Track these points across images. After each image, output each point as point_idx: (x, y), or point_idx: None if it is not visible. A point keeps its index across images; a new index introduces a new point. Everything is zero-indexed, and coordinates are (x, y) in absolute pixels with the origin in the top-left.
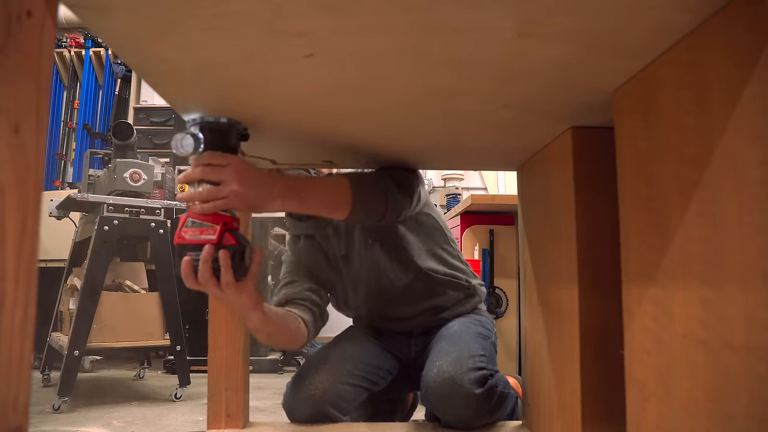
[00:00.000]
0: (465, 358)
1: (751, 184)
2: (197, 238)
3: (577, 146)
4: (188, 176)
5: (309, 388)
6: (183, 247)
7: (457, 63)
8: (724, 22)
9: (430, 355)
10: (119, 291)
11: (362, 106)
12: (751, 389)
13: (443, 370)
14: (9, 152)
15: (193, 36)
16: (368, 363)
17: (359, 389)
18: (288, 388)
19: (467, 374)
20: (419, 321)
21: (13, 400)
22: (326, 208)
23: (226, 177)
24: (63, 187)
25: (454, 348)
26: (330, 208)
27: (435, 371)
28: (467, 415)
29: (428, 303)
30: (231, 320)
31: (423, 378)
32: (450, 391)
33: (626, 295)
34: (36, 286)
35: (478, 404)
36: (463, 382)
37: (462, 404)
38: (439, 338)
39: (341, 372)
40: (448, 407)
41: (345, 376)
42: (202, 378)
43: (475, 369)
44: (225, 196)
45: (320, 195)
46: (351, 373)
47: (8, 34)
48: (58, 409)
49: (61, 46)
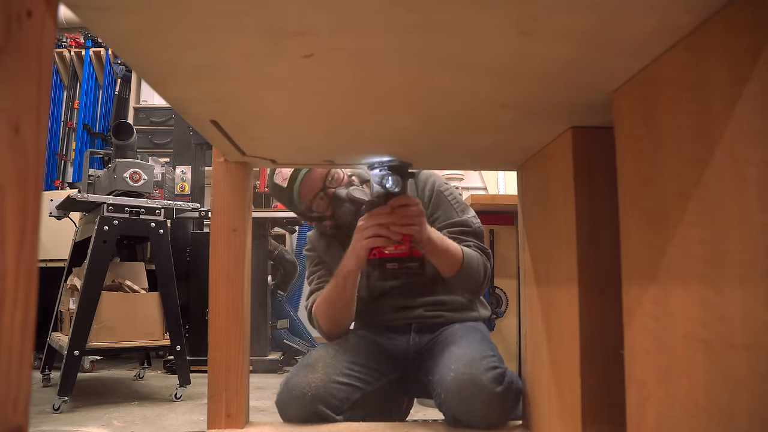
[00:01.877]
0: (478, 359)
1: (751, 184)
2: (393, 252)
3: (577, 146)
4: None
5: (301, 386)
6: (383, 260)
7: (457, 62)
8: (724, 22)
9: (440, 360)
10: (119, 291)
11: (362, 106)
12: (751, 389)
13: (461, 372)
14: (9, 152)
15: (193, 36)
16: (362, 363)
17: (352, 388)
18: (281, 387)
19: (485, 374)
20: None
21: (13, 400)
22: (445, 262)
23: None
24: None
25: (466, 351)
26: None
27: (453, 374)
28: (490, 414)
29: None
30: (231, 320)
31: (439, 383)
32: (472, 392)
33: (626, 295)
34: (36, 286)
35: (499, 402)
36: (483, 382)
37: (485, 403)
38: (447, 344)
39: (334, 371)
40: (471, 408)
41: (337, 375)
42: (202, 378)
43: (491, 368)
44: (418, 225)
45: (448, 250)
46: (343, 372)
47: (8, 34)
48: (58, 409)
49: (61, 46)
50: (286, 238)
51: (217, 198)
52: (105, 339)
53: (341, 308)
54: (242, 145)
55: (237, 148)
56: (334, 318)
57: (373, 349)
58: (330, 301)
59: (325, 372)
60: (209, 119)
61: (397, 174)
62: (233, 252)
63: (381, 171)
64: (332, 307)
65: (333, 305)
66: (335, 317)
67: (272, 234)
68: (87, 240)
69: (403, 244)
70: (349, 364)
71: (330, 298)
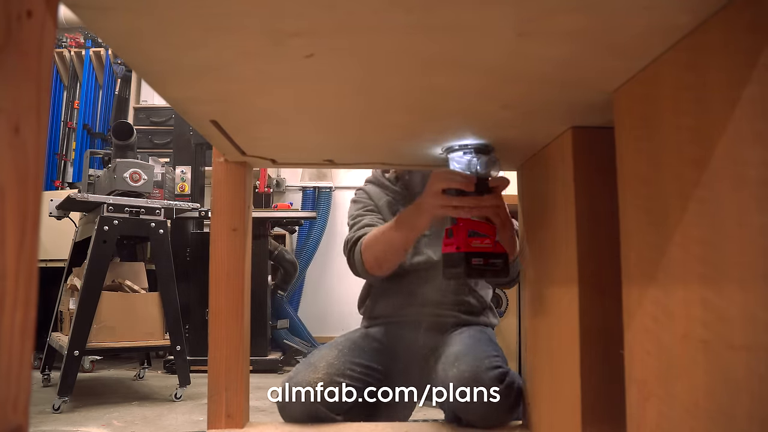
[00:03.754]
0: (482, 358)
1: (750, 185)
2: (479, 246)
3: (577, 146)
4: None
5: (301, 385)
6: (469, 255)
7: (457, 63)
8: (724, 22)
9: (443, 359)
10: (119, 291)
11: (362, 106)
12: (751, 389)
13: (463, 370)
14: (9, 152)
15: (193, 36)
16: (365, 364)
17: (353, 389)
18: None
19: (487, 373)
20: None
21: (13, 400)
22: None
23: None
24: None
25: (470, 350)
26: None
27: (455, 371)
28: (490, 413)
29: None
30: (231, 320)
31: (442, 380)
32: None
33: (626, 295)
34: (36, 286)
35: (499, 402)
36: (485, 380)
37: (485, 402)
38: (453, 343)
39: (335, 371)
40: (472, 406)
41: (339, 376)
42: (202, 378)
43: (492, 368)
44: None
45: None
46: (345, 373)
47: (8, 34)
48: (58, 409)
49: (61, 46)
50: (286, 238)
51: (217, 198)
52: (105, 339)
53: (393, 255)
54: (242, 145)
55: (237, 148)
56: (383, 260)
57: (377, 349)
58: (389, 243)
59: (326, 372)
60: (209, 119)
61: (484, 154)
62: (233, 252)
63: (465, 153)
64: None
65: (388, 249)
66: (385, 260)
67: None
68: (87, 240)
69: (488, 237)
70: (351, 364)
71: (390, 241)
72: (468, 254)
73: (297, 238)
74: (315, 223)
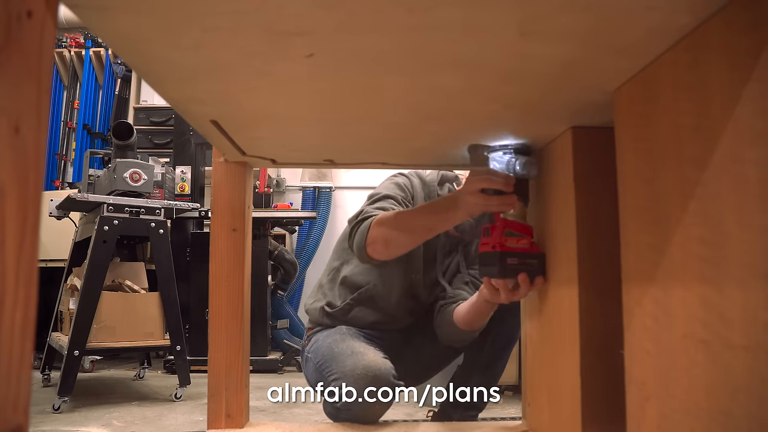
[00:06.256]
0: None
1: (750, 184)
2: (515, 246)
3: (577, 146)
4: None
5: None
6: (504, 254)
7: (458, 63)
8: (723, 22)
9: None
10: (119, 291)
11: (363, 106)
12: (751, 389)
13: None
14: (9, 152)
15: (193, 36)
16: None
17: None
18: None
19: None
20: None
21: (13, 400)
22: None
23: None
24: (63, 187)
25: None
26: None
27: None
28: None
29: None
30: (231, 320)
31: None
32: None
33: (626, 295)
34: (36, 286)
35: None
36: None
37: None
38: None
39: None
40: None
41: (379, 351)
42: (202, 378)
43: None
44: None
45: None
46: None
47: (8, 34)
48: (58, 409)
49: (61, 46)
50: (286, 238)
51: (217, 198)
52: (105, 339)
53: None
54: (242, 144)
55: (237, 148)
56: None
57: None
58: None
59: (377, 351)
60: (209, 119)
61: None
62: (233, 252)
63: (505, 154)
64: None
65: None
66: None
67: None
68: (87, 240)
69: (525, 237)
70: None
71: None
72: (503, 254)
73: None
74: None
